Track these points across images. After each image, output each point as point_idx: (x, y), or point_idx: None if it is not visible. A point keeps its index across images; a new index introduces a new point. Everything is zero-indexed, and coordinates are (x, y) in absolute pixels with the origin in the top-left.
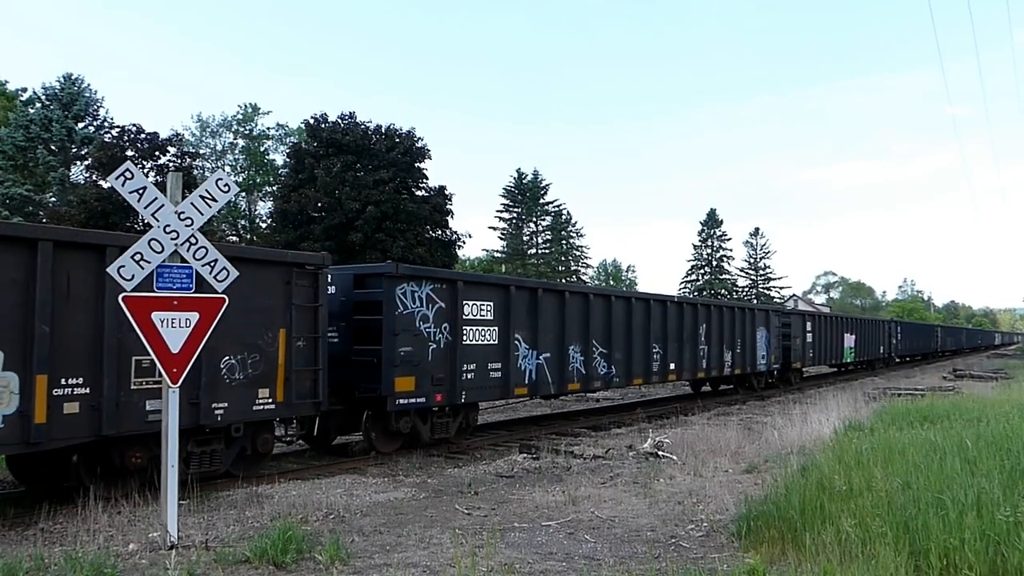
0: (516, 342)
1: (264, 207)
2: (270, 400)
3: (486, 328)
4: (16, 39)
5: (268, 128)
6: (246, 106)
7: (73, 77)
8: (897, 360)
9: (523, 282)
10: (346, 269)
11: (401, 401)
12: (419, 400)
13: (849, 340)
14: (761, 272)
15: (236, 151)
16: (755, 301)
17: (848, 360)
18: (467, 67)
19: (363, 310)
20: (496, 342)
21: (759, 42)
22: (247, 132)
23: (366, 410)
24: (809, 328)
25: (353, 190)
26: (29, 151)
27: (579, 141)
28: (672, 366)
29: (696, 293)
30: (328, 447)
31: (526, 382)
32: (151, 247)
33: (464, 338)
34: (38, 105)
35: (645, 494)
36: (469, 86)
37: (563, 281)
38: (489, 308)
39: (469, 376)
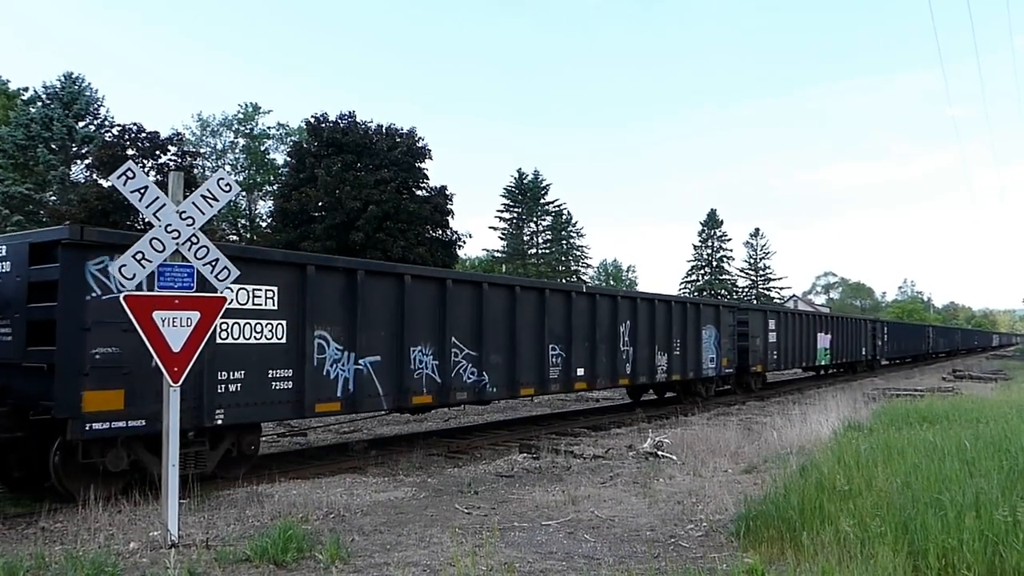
0: (319, 341)
1: (264, 206)
2: None
3: (265, 322)
4: (17, 38)
5: (269, 127)
6: (247, 105)
7: (74, 76)
8: (884, 363)
9: (331, 261)
10: (21, 237)
11: (97, 426)
12: (135, 424)
13: (823, 340)
14: (761, 273)
15: (237, 150)
16: (755, 302)
17: (822, 363)
18: (468, 67)
19: (40, 294)
20: (283, 340)
21: (759, 43)
22: (248, 131)
23: (59, 437)
24: (773, 327)
25: (354, 189)
26: (30, 150)
27: (579, 141)
28: (580, 372)
29: (696, 293)
30: (12, 483)
31: (337, 394)
32: (152, 246)
33: (224, 335)
34: (39, 104)
35: (645, 494)
36: (470, 86)
37: (445, 269)
38: (272, 295)
39: (233, 388)
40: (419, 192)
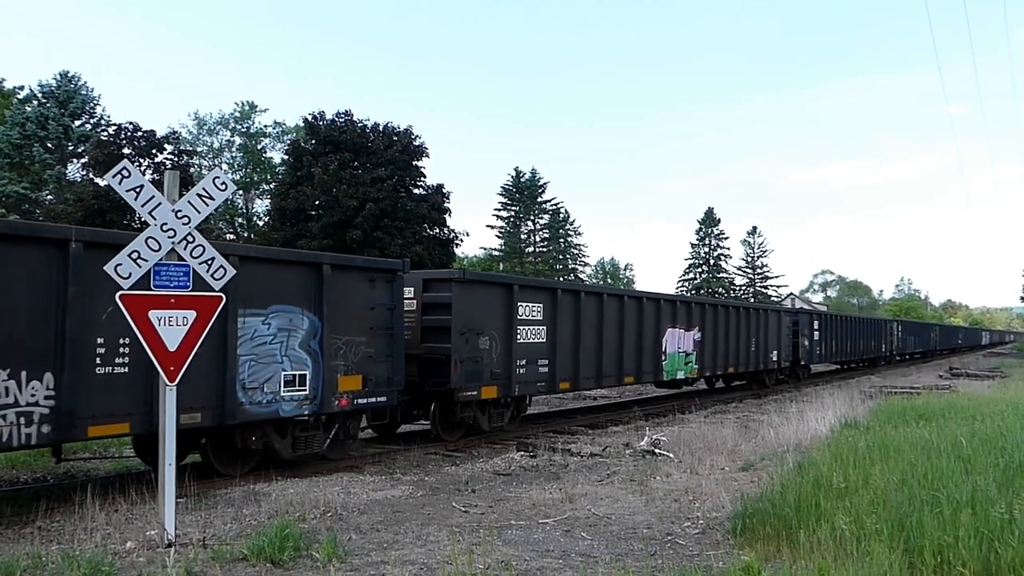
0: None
1: (262, 205)
2: None
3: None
4: (12, 37)
5: (265, 126)
6: (243, 104)
7: (70, 75)
8: (812, 371)
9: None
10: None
11: None
12: None
13: (683, 340)
14: (758, 271)
15: (233, 149)
16: (751, 300)
17: (680, 375)
18: (465, 66)
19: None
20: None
21: (757, 41)
22: (244, 130)
23: None
24: (537, 314)
25: (351, 188)
26: (25, 149)
27: (577, 140)
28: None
29: (694, 292)
30: None
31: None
32: (148, 245)
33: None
34: (35, 103)
35: (642, 492)
36: (467, 85)
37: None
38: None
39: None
40: (416, 190)
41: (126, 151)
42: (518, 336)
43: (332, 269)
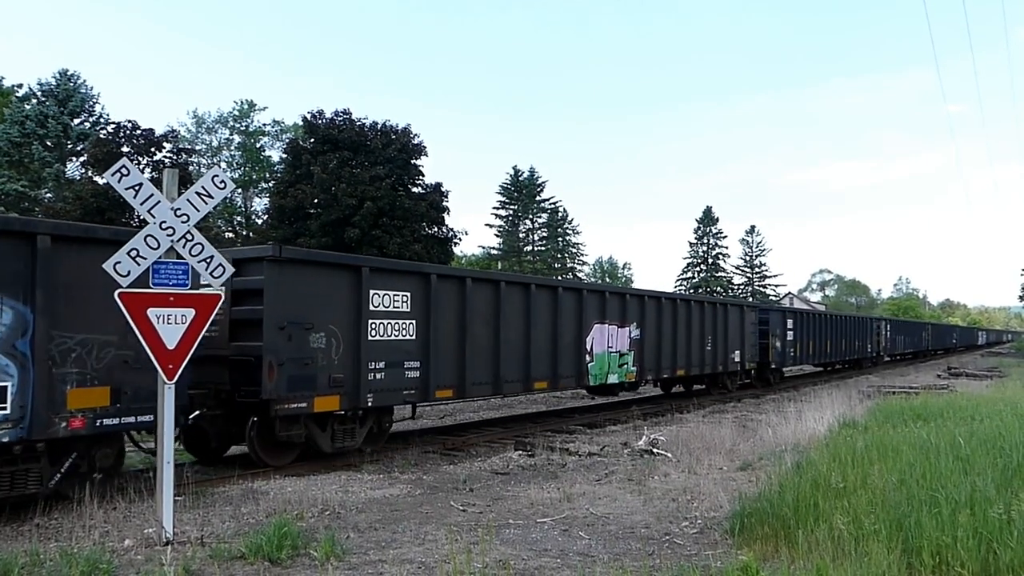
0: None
1: (260, 203)
2: None
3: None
4: (12, 35)
5: (264, 124)
6: (242, 102)
7: (69, 73)
8: (784, 374)
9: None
10: None
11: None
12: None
13: (616, 338)
14: (757, 270)
15: (232, 147)
16: (750, 299)
17: (612, 379)
18: (463, 64)
19: None
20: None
21: (756, 42)
22: (243, 128)
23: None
24: (402, 305)
25: (349, 186)
26: (25, 147)
27: (575, 138)
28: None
29: (693, 291)
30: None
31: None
32: (147, 243)
33: (372, 333)
34: (34, 101)
35: (640, 491)
36: (465, 83)
37: (559, 278)
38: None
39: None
40: (415, 189)
41: (125, 149)
42: (371, 332)
43: (53, 241)
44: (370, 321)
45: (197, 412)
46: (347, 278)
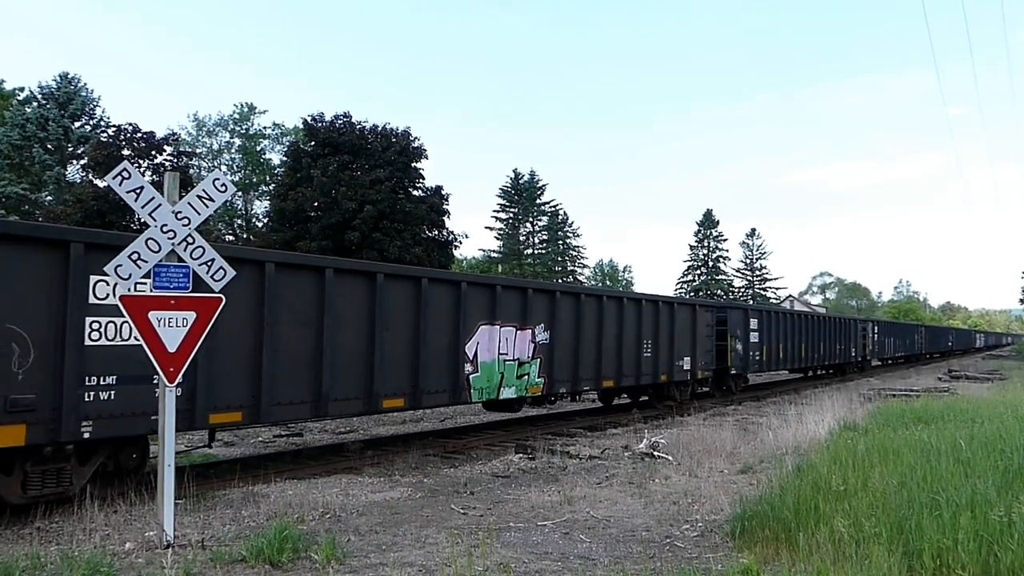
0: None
1: (261, 206)
2: None
3: None
4: (13, 38)
5: (264, 128)
6: (242, 105)
7: (70, 76)
8: (749, 381)
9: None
10: None
11: None
12: None
13: (512, 343)
14: (757, 273)
15: (232, 150)
16: (751, 302)
17: (508, 393)
18: (463, 67)
19: None
20: None
21: (756, 43)
22: (243, 131)
23: None
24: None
25: (350, 190)
26: (25, 150)
27: (576, 141)
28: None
29: (693, 294)
30: None
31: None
32: (148, 246)
33: None
34: (34, 104)
35: (640, 494)
36: (465, 86)
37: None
38: None
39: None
40: (415, 192)
41: (126, 152)
42: (92, 334)
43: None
44: (92, 320)
45: None
46: (45, 260)
